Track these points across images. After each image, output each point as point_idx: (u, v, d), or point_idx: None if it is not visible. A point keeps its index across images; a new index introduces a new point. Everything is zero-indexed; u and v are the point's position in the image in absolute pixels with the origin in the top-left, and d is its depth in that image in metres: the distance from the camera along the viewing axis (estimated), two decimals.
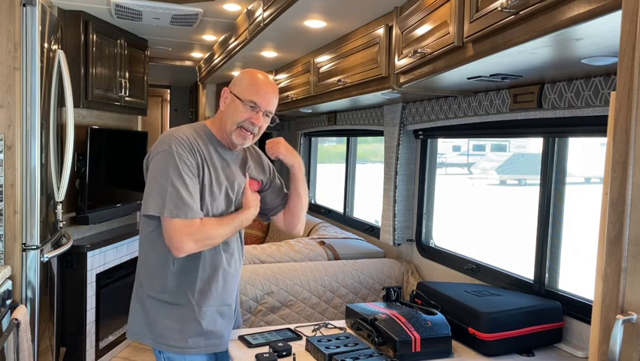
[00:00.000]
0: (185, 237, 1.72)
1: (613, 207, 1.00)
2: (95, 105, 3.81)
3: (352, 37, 2.77)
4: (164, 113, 7.42)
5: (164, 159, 1.77)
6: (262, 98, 1.85)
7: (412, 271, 3.01)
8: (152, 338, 1.85)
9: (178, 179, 1.74)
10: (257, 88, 1.86)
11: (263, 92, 1.86)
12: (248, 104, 1.83)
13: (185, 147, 1.78)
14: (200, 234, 1.75)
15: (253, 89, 1.85)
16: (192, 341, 1.83)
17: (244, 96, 1.84)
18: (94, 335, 3.77)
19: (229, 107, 1.87)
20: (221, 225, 1.82)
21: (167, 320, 1.83)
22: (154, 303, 1.84)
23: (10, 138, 2.52)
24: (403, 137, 3.03)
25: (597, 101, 1.81)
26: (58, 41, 3.10)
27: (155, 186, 1.76)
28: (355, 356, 1.79)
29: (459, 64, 1.73)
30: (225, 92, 1.90)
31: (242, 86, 1.87)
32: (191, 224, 1.73)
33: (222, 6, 3.33)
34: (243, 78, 1.89)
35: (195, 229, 1.74)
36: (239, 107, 1.84)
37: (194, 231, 1.73)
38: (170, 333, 1.83)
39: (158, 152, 1.79)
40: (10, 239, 2.55)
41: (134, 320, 1.90)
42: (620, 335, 0.97)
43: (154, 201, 1.74)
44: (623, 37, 0.98)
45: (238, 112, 1.84)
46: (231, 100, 1.87)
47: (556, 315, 2.00)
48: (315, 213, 4.67)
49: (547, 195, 2.18)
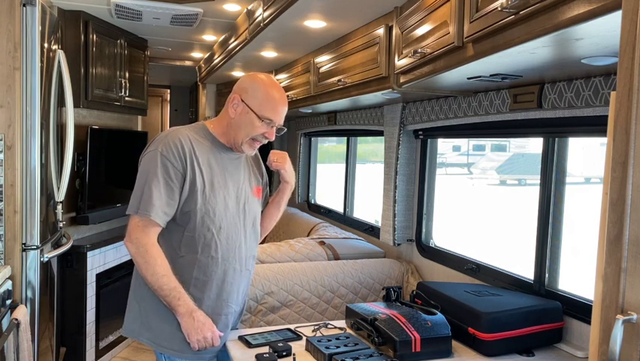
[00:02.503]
0: (136, 238, 1.75)
1: (613, 207, 1.00)
2: (95, 105, 3.81)
3: (352, 37, 2.77)
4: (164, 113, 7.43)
5: (149, 160, 1.80)
6: (278, 115, 1.86)
7: (412, 271, 3.01)
8: (148, 337, 1.85)
9: (154, 181, 1.76)
10: (274, 104, 1.84)
11: (280, 110, 1.86)
12: (264, 120, 1.83)
13: (173, 151, 1.78)
14: (143, 249, 1.74)
15: (270, 106, 1.83)
16: (184, 345, 1.82)
17: (261, 112, 1.82)
18: (94, 335, 3.77)
19: (242, 117, 1.84)
20: (161, 270, 1.75)
21: (161, 320, 1.83)
22: (149, 302, 1.84)
23: (10, 138, 2.52)
24: (403, 137, 3.03)
25: (597, 101, 1.81)
26: (58, 41, 3.10)
27: (135, 187, 1.80)
28: (355, 356, 1.79)
29: (459, 64, 1.73)
30: (236, 99, 1.85)
31: (257, 100, 1.83)
32: (145, 228, 1.74)
33: (222, 6, 3.33)
34: (257, 90, 1.85)
35: (145, 238, 1.74)
36: (254, 121, 1.83)
37: (144, 241, 1.74)
38: (164, 334, 1.83)
39: (148, 152, 1.82)
40: (10, 239, 2.55)
41: (131, 318, 1.90)
42: (620, 335, 0.97)
43: (131, 201, 1.78)
44: (623, 37, 0.98)
45: (254, 127, 1.83)
46: (244, 111, 1.84)
47: (556, 315, 2.00)
48: (315, 213, 4.67)
49: (547, 195, 2.18)
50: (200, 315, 1.78)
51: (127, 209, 1.79)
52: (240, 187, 1.93)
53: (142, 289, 1.86)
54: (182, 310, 1.76)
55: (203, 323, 1.77)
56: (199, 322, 1.77)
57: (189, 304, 1.77)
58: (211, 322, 1.81)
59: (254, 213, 2.00)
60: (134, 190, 1.79)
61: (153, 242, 1.77)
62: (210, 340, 1.79)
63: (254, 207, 2.00)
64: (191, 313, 1.76)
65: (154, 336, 1.84)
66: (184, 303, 1.76)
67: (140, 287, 1.88)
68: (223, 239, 1.86)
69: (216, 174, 1.86)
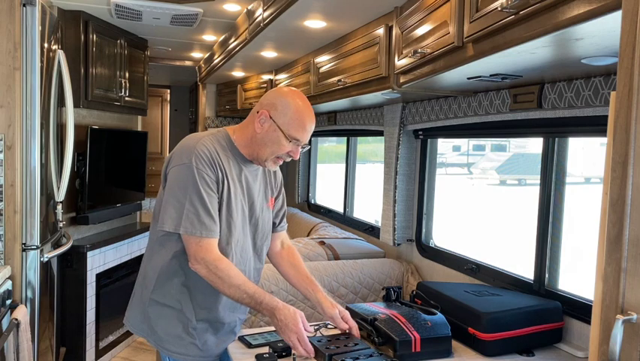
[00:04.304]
0: (201, 258, 1.71)
1: (613, 207, 1.00)
2: (95, 105, 3.81)
3: (352, 37, 2.77)
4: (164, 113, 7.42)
5: (184, 173, 1.73)
6: (307, 135, 1.81)
7: (411, 271, 3.01)
8: (154, 339, 1.85)
9: (196, 196, 1.70)
10: (303, 125, 1.78)
11: (308, 129, 1.80)
12: (292, 140, 1.78)
13: (206, 162, 1.74)
14: (213, 266, 1.71)
15: (299, 125, 1.78)
16: (190, 349, 1.83)
17: (289, 132, 1.76)
18: (94, 335, 3.77)
19: (269, 135, 1.78)
20: (237, 280, 1.71)
21: (167, 324, 1.82)
22: (156, 306, 1.83)
23: (10, 138, 2.52)
24: (403, 137, 3.03)
25: (597, 101, 1.81)
26: (58, 41, 3.10)
27: (172, 201, 1.73)
28: (355, 356, 1.79)
29: (459, 64, 1.73)
30: (263, 115, 1.78)
31: (286, 118, 1.77)
32: (208, 247, 1.71)
33: (222, 6, 3.33)
34: (287, 107, 1.78)
35: (211, 257, 1.71)
36: (281, 140, 1.77)
37: (207, 258, 1.71)
38: (170, 338, 1.83)
39: (178, 164, 1.75)
40: (10, 239, 2.55)
41: (136, 319, 1.90)
42: (620, 335, 0.97)
43: (170, 218, 1.72)
44: (623, 37, 0.98)
45: (280, 145, 1.78)
46: (272, 129, 1.78)
47: (556, 315, 2.00)
48: (315, 213, 4.67)
49: (547, 195, 2.18)
50: (282, 315, 1.71)
51: (170, 224, 1.72)
52: (255, 200, 1.91)
53: (147, 293, 1.85)
54: (267, 313, 1.73)
55: (286, 323, 1.70)
56: (281, 322, 1.71)
57: (271, 305, 1.72)
58: (295, 317, 1.71)
59: (267, 226, 1.98)
60: (173, 204, 1.72)
61: (218, 256, 1.72)
62: (292, 340, 1.71)
63: (267, 219, 1.98)
64: (273, 313, 1.72)
65: (159, 338, 1.84)
66: (266, 306, 1.72)
67: (145, 290, 1.87)
68: (238, 251, 1.86)
69: (236, 186, 1.83)
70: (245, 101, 4.86)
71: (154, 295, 1.84)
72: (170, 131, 7.38)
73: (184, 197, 1.71)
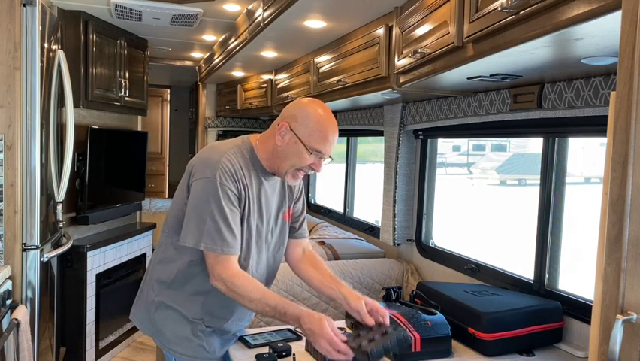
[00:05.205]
0: (218, 275, 1.69)
1: (613, 207, 1.00)
2: (95, 105, 3.81)
3: (352, 37, 2.77)
4: (164, 113, 7.42)
5: (207, 188, 1.70)
6: (329, 147, 1.75)
7: (411, 271, 3.01)
8: (161, 340, 1.85)
9: (219, 212, 1.68)
10: (325, 136, 1.72)
11: (330, 141, 1.74)
12: (313, 152, 1.72)
13: (230, 177, 1.70)
14: (230, 283, 1.68)
15: (320, 137, 1.72)
16: (197, 351, 1.83)
17: (310, 144, 1.71)
18: (94, 335, 3.77)
19: (290, 147, 1.73)
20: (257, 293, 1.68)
21: (175, 326, 1.82)
22: (164, 308, 1.83)
23: (10, 138, 2.52)
24: (402, 137, 3.03)
25: (597, 101, 1.81)
26: (58, 41, 3.10)
27: (194, 216, 1.70)
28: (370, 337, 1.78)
29: (459, 64, 1.73)
30: (284, 127, 1.73)
31: (307, 130, 1.71)
32: (226, 263, 1.68)
33: (222, 6, 3.33)
34: (307, 118, 1.72)
35: (228, 273, 1.68)
36: (303, 153, 1.72)
37: (224, 274, 1.68)
38: (177, 339, 1.82)
39: (201, 177, 1.72)
40: (10, 239, 2.55)
41: (142, 318, 1.89)
42: (620, 335, 0.97)
43: (191, 233, 1.70)
44: (623, 37, 0.98)
45: (302, 158, 1.73)
46: (293, 141, 1.72)
47: (556, 315, 2.00)
48: (315, 213, 4.67)
49: (547, 195, 2.18)
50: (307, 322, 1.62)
51: (190, 240, 1.69)
52: (273, 213, 1.89)
53: (155, 295, 1.85)
54: (294, 323, 1.68)
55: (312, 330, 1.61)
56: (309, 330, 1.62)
57: (296, 314, 1.65)
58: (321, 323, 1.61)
59: (282, 239, 1.96)
60: (195, 219, 1.70)
61: (235, 272, 1.69)
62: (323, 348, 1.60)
63: (283, 232, 1.96)
64: (299, 322, 1.64)
65: (166, 340, 1.84)
66: (291, 316, 1.65)
67: (152, 292, 1.86)
68: (254, 265, 1.84)
69: (256, 200, 1.81)
70: (245, 101, 4.85)
71: (163, 297, 1.83)
72: (170, 131, 7.39)
73: (206, 212, 1.68)
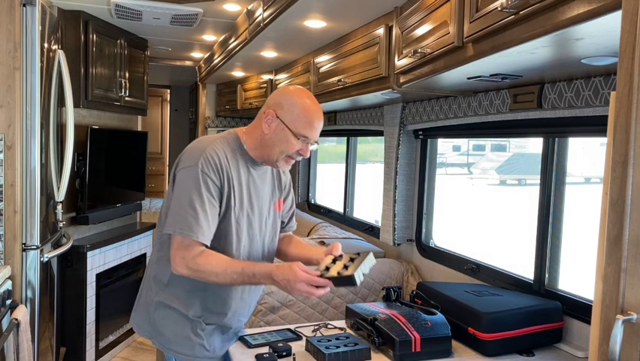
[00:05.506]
0: (180, 258, 1.69)
1: (613, 207, 1.00)
2: (95, 105, 3.81)
3: (352, 37, 2.77)
4: (164, 113, 7.42)
5: (189, 176, 1.72)
6: (315, 132, 1.79)
7: (411, 271, 3.01)
8: (160, 341, 1.85)
9: (197, 199, 1.69)
10: (310, 121, 1.77)
11: (316, 126, 1.78)
12: (300, 138, 1.76)
13: (212, 167, 1.72)
14: (193, 263, 1.68)
15: (306, 122, 1.76)
16: (198, 350, 1.83)
17: (297, 130, 1.75)
18: (94, 335, 3.77)
19: (277, 134, 1.77)
20: (221, 266, 1.69)
21: (175, 326, 1.82)
22: (163, 308, 1.83)
23: (10, 138, 2.52)
24: (402, 137, 3.03)
25: (597, 101, 1.81)
26: (58, 41, 3.10)
27: (175, 204, 1.72)
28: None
29: (459, 64, 1.73)
30: (270, 115, 1.77)
31: (293, 116, 1.75)
32: (189, 247, 1.68)
33: (222, 6, 3.33)
34: (293, 105, 1.77)
35: (190, 254, 1.68)
36: (290, 139, 1.76)
37: (187, 256, 1.68)
38: (177, 339, 1.82)
39: (185, 166, 1.74)
40: (10, 239, 2.55)
41: (142, 321, 1.90)
42: (620, 335, 0.97)
43: (171, 219, 1.71)
44: (623, 37, 0.98)
45: (289, 144, 1.77)
46: (280, 128, 1.76)
47: (556, 315, 2.00)
48: (315, 213, 4.67)
49: (547, 195, 2.18)
50: (279, 274, 1.64)
51: (167, 227, 1.71)
52: (263, 204, 1.90)
53: (154, 295, 1.85)
54: (265, 281, 1.70)
55: (287, 279, 1.63)
56: (282, 281, 1.64)
57: (265, 272, 1.67)
58: (292, 269, 1.63)
59: (274, 229, 1.97)
60: (175, 207, 1.72)
61: (196, 253, 1.69)
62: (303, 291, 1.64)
63: (274, 222, 1.97)
64: (271, 278, 1.66)
65: (165, 340, 1.84)
66: (261, 275, 1.68)
67: (151, 292, 1.87)
68: (245, 255, 1.85)
69: (245, 191, 1.83)
70: (245, 101, 4.85)
71: (161, 297, 1.83)
72: (170, 131, 7.39)
73: (185, 200, 1.70)
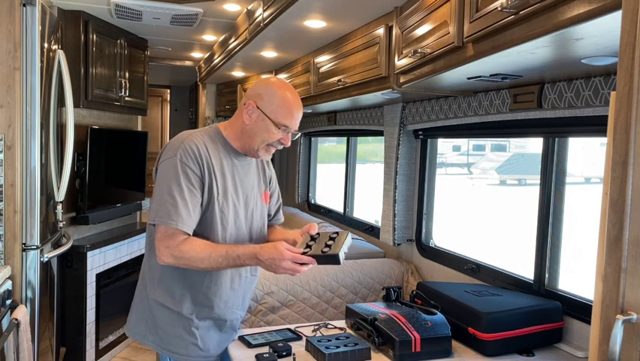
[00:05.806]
0: (164, 248, 1.70)
1: (613, 208, 1.00)
2: (95, 105, 3.81)
3: (352, 37, 2.77)
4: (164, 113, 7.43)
5: (168, 167, 1.75)
6: (295, 120, 1.83)
7: (411, 271, 3.01)
8: (154, 341, 1.85)
9: (176, 188, 1.72)
10: (289, 110, 1.81)
11: (295, 115, 1.83)
12: (280, 127, 1.80)
13: (191, 157, 1.75)
14: (177, 251, 1.70)
15: (286, 112, 1.80)
16: (191, 349, 1.83)
17: (277, 119, 1.79)
18: (94, 335, 3.77)
19: (258, 124, 1.81)
20: (206, 251, 1.70)
21: (168, 325, 1.83)
22: (157, 307, 1.84)
23: (10, 138, 2.52)
24: (402, 137, 3.03)
25: (597, 101, 1.81)
26: (58, 41, 3.10)
27: (155, 195, 1.76)
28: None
29: (459, 64, 1.73)
30: (251, 106, 1.81)
31: (272, 106, 1.80)
32: (173, 235, 1.70)
33: (222, 6, 3.33)
34: (272, 96, 1.81)
35: (174, 243, 1.70)
36: (270, 128, 1.80)
37: (171, 245, 1.70)
38: (170, 339, 1.83)
39: (165, 158, 1.77)
40: (10, 239, 2.55)
41: (136, 321, 1.90)
42: (620, 335, 0.97)
43: (153, 210, 1.74)
44: (623, 37, 0.98)
45: (270, 133, 1.80)
46: (260, 118, 1.80)
47: (556, 315, 2.00)
48: (315, 213, 4.67)
49: (547, 195, 2.18)
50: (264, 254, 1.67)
51: (149, 218, 1.74)
52: (249, 194, 1.92)
53: (147, 294, 1.86)
54: (251, 262, 1.71)
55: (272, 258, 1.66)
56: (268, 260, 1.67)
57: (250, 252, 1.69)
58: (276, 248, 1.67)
59: (261, 220, 1.99)
60: (156, 198, 1.75)
61: (179, 241, 1.71)
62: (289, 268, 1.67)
63: (262, 213, 1.99)
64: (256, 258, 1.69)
65: (159, 340, 1.84)
66: (246, 256, 1.70)
67: (145, 291, 1.87)
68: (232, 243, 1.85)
69: (228, 181, 1.84)
70: None
71: (155, 296, 1.84)
72: (170, 131, 7.39)
73: (165, 189, 1.73)
